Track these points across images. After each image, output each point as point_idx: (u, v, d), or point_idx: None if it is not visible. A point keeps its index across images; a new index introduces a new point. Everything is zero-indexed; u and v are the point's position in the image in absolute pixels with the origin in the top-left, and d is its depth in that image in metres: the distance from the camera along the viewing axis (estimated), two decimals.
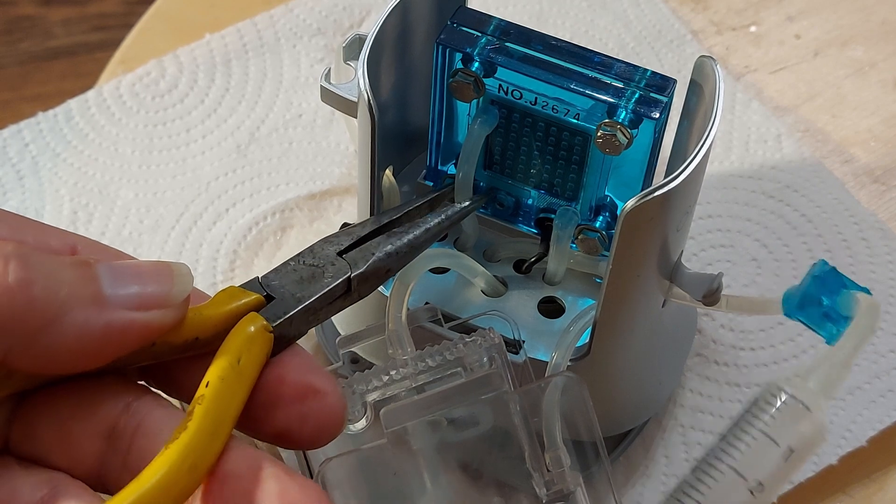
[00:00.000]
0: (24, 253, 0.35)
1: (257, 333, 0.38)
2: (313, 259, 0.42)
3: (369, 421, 0.46)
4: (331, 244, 0.43)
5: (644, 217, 0.44)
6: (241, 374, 0.37)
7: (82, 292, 0.35)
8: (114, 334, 0.36)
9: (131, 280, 0.36)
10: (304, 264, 0.42)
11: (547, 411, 0.47)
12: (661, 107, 0.47)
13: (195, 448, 0.36)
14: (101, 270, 0.36)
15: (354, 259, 0.43)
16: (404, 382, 0.46)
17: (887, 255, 0.64)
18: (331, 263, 0.42)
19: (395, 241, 0.44)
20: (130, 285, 0.36)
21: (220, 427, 0.36)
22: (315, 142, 0.68)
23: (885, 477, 0.57)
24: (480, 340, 0.46)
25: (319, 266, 0.42)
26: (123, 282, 0.36)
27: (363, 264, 0.42)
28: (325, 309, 0.41)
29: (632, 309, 0.49)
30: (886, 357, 0.60)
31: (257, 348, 0.38)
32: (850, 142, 0.69)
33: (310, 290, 0.41)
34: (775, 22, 0.74)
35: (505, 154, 0.53)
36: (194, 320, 0.38)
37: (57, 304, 0.34)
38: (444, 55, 0.50)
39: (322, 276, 0.42)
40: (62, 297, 0.35)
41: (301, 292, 0.41)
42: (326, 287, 0.41)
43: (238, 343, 0.38)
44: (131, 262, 0.37)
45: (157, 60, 0.71)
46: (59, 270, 0.35)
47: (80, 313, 0.35)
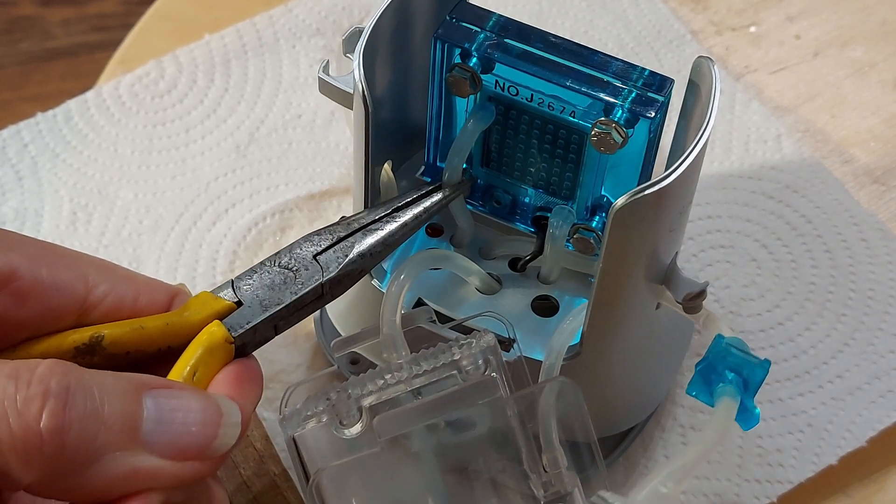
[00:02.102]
0: (65, 390, 0.33)
1: (217, 345, 0.38)
2: (289, 260, 0.42)
3: (365, 426, 0.46)
4: (310, 244, 0.43)
5: (636, 215, 0.44)
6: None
7: (118, 438, 0.34)
8: (138, 481, 0.34)
9: (175, 424, 0.35)
10: (278, 266, 0.42)
11: (543, 415, 0.47)
12: (658, 106, 0.47)
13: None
14: (146, 408, 0.35)
15: (327, 262, 0.42)
16: (399, 386, 0.46)
17: (887, 256, 0.63)
18: (304, 267, 0.42)
19: (369, 239, 0.44)
20: (172, 432, 0.35)
21: None
22: (314, 142, 0.68)
23: (884, 477, 0.57)
24: (475, 343, 0.46)
25: (293, 269, 0.42)
26: (166, 425, 0.35)
27: (335, 268, 0.42)
28: (296, 314, 0.42)
29: (623, 309, 0.49)
30: (886, 357, 0.60)
31: (215, 360, 0.38)
32: (850, 142, 0.69)
33: (279, 296, 0.41)
34: (775, 22, 0.74)
35: (502, 151, 0.52)
36: (167, 330, 0.39)
37: (92, 451, 0.33)
38: (442, 50, 0.50)
39: (294, 280, 0.42)
40: (99, 443, 0.33)
41: (270, 299, 0.41)
42: (296, 295, 0.41)
43: (197, 355, 0.38)
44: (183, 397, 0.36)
45: (157, 61, 0.71)
46: (101, 409, 0.34)
47: (109, 460, 0.34)
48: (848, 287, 0.62)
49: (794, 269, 0.63)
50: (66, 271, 0.39)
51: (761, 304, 0.62)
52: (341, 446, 0.46)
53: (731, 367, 0.47)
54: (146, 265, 0.63)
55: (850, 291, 0.62)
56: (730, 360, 0.48)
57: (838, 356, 0.60)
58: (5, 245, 0.38)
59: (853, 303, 0.62)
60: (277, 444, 0.56)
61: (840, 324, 0.61)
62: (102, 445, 0.34)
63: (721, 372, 0.47)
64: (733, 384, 0.47)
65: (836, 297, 0.62)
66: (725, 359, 0.48)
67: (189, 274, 0.62)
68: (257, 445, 0.56)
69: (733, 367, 0.47)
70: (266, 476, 0.55)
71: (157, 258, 0.63)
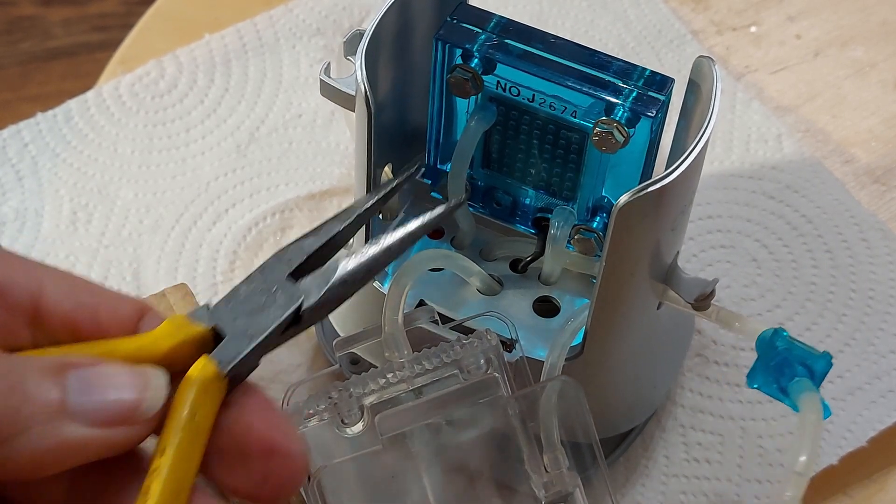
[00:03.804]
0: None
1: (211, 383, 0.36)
2: (264, 282, 0.39)
3: (366, 424, 0.46)
4: (281, 262, 0.40)
5: (638, 213, 0.44)
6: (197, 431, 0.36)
7: (45, 408, 0.34)
8: (70, 451, 0.34)
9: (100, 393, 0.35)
10: (254, 290, 0.39)
11: (544, 414, 0.47)
12: (659, 105, 0.47)
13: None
14: (70, 382, 0.34)
15: (308, 287, 0.39)
16: (401, 385, 0.46)
17: (887, 256, 0.63)
18: (280, 289, 0.39)
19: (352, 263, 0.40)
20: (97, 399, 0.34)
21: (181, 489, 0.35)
22: (315, 142, 0.68)
23: (885, 477, 0.57)
24: (477, 342, 0.46)
25: (270, 291, 0.39)
26: (91, 395, 0.34)
27: (316, 294, 0.39)
28: (277, 339, 0.39)
29: (625, 309, 0.49)
30: (887, 357, 0.60)
31: (211, 399, 0.36)
32: (851, 142, 0.69)
33: (260, 323, 0.38)
34: (776, 22, 0.74)
35: (503, 152, 0.52)
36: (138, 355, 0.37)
37: (16, 423, 0.33)
38: (443, 51, 0.50)
39: (273, 304, 0.39)
40: (23, 416, 0.33)
41: (252, 327, 0.38)
42: (277, 320, 0.38)
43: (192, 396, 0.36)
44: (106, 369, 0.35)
45: (157, 61, 0.71)
46: (25, 382, 0.34)
47: (35, 432, 0.33)
48: (849, 287, 0.62)
49: (795, 270, 0.63)
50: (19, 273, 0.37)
51: (762, 304, 0.62)
52: (342, 445, 0.46)
53: (798, 360, 0.47)
54: (146, 265, 0.63)
55: (851, 291, 0.62)
56: (796, 353, 0.48)
57: (839, 356, 0.60)
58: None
59: (854, 303, 0.62)
60: None
61: (841, 324, 0.61)
62: (27, 417, 0.33)
63: (792, 364, 0.47)
64: (806, 377, 0.47)
65: (836, 298, 0.62)
66: (792, 352, 0.47)
67: (189, 274, 0.62)
68: None
69: (800, 360, 0.47)
70: None
71: (158, 258, 0.63)
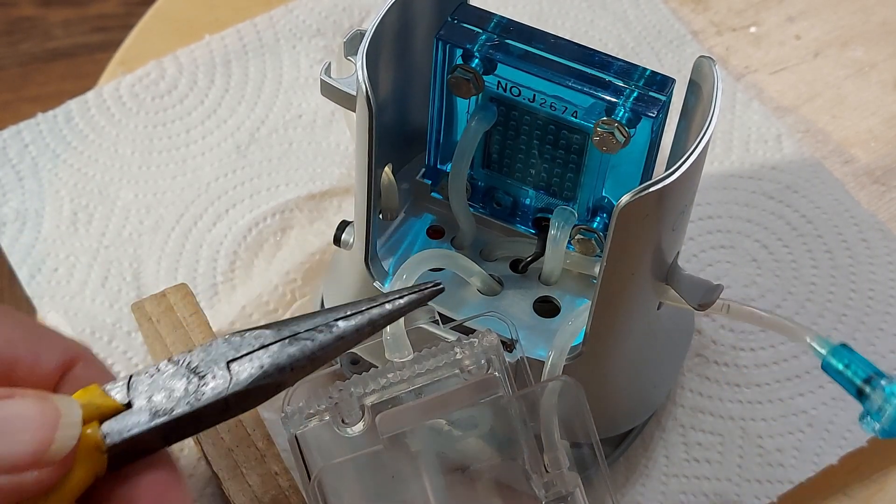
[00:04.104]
0: None
1: (87, 451, 0.34)
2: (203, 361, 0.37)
3: (367, 424, 0.46)
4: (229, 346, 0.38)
5: (639, 213, 0.44)
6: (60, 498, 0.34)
7: None
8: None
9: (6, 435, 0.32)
10: (186, 367, 0.37)
11: (544, 414, 0.47)
12: (660, 106, 0.47)
13: None
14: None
15: (239, 371, 0.37)
16: (402, 385, 0.46)
17: (887, 256, 0.63)
18: (213, 374, 0.37)
19: (295, 350, 0.38)
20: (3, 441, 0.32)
21: None
22: (315, 142, 0.68)
23: (885, 478, 0.57)
24: (477, 343, 0.46)
25: (200, 374, 0.37)
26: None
27: (245, 380, 0.37)
28: (193, 426, 0.37)
29: (626, 309, 0.49)
30: (887, 358, 0.60)
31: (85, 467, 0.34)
32: (851, 142, 0.69)
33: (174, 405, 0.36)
34: (775, 22, 0.74)
35: (503, 153, 0.52)
36: None
37: None
38: (444, 51, 0.50)
39: (198, 387, 0.37)
40: None
41: (163, 407, 0.36)
42: (192, 407, 0.36)
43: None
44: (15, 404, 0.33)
45: (157, 61, 0.71)
46: None
47: None
48: (848, 287, 0.62)
49: (795, 270, 0.63)
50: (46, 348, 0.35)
51: (762, 304, 0.62)
52: (343, 444, 0.46)
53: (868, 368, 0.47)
54: (147, 265, 0.63)
55: (851, 292, 0.62)
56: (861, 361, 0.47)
57: None
58: None
59: (854, 303, 0.62)
60: (279, 443, 0.56)
61: (841, 324, 0.61)
62: None
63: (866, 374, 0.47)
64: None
65: (836, 298, 0.62)
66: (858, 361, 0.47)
67: (190, 274, 0.62)
68: (259, 445, 0.56)
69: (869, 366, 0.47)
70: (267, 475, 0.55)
71: (158, 258, 0.63)
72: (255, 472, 0.55)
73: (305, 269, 0.62)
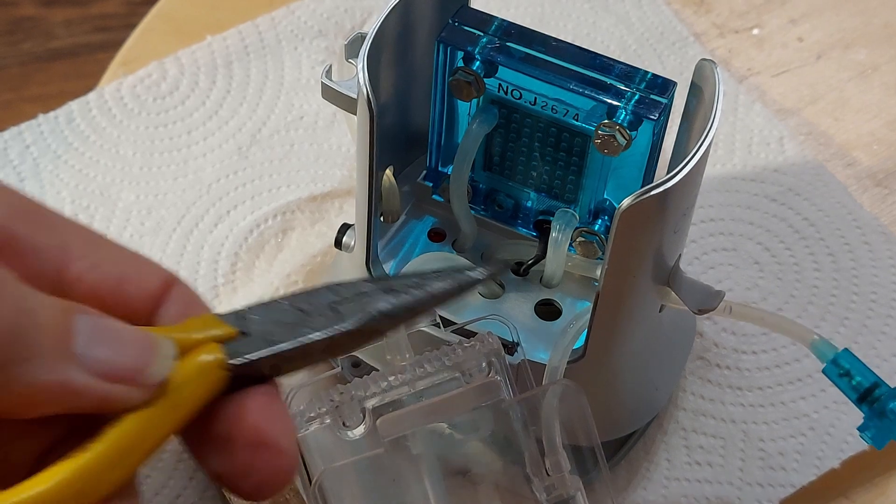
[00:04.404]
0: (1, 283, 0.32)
1: (209, 368, 0.35)
2: (307, 303, 0.39)
3: (368, 427, 0.46)
4: (331, 292, 0.39)
5: (641, 216, 0.44)
6: (174, 406, 0.35)
7: (50, 341, 0.32)
8: (67, 395, 0.33)
9: (108, 346, 0.33)
10: (294, 307, 0.38)
11: (546, 418, 0.47)
12: (661, 108, 0.47)
13: (87, 474, 0.33)
14: (79, 325, 0.33)
15: (346, 313, 0.38)
16: (403, 388, 0.46)
17: (889, 259, 0.63)
18: (320, 314, 0.38)
19: (394, 300, 0.39)
20: (106, 351, 0.33)
21: (125, 458, 0.34)
22: (316, 144, 0.68)
23: (886, 481, 0.57)
24: (479, 346, 0.46)
25: (309, 313, 0.38)
26: (99, 345, 0.33)
27: (353, 321, 0.38)
28: (301, 360, 0.38)
29: (627, 311, 0.49)
30: (889, 361, 0.60)
31: (203, 383, 0.35)
32: (853, 145, 0.69)
33: (287, 335, 0.37)
34: (778, 25, 0.74)
35: (504, 155, 0.52)
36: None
37: (18, 347, 0.31)
38: (445, 53, 0.50)
39: (306, 323, 0.38)
40: (27, 341, 0.32)
41: (277, 336, 0.37)
42: (304, 338, 0.37)
43: (184, 372, 0.35)
44: (117, 325, 0.34)
45: (159, 62, 0.71)
46: (35, 311, 0.32)
47: (39, 363, 0.32)
48: (851, 290, 0.62)
49: (797, 273, 0.63)
50: (45, 234, 0.36)
51: (764, 307, 0.61)
52: (344, 448, 0.46)
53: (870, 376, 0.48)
54: None
55: (853, 295, 0.62)
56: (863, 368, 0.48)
57: None
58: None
59: (856, 306, 0.62)
60: None
61: (843, 327, 0.61)
62: (34, 345, 0.32)
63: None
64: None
65: (838, 301, 0.62)
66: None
67: (191, 276, 0.62)
68: None
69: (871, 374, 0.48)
70: None
71: (159, 260, 0.63)
72: None
73: (307, 271, 0.62)
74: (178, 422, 0.35)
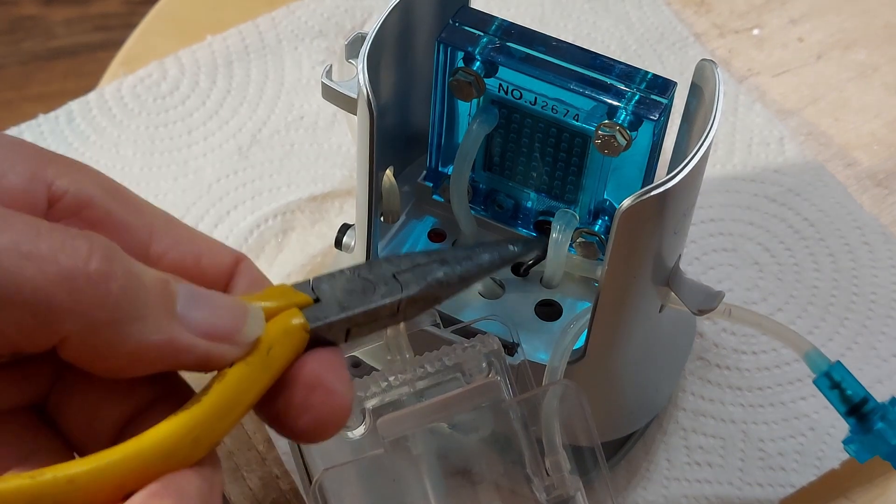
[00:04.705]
0: (112, 248, 0.34)
1: (294, 329, 0.38)
2: (370, 273, 0.42)
3: (368, 427, 0.46)
4: (390, 263, 0.43)
5: (641, 217, 0.44)
6: (267, 364, 0.38)
7: (157, 303, 0.35)
8: (173, 352, 0.35)
9: (207, 308, 0.36)
10: (358, 276, 0.42)
11: (546, 418, 0.47)
12: (661, 109, 0.47)
13: (202, 422, 0.35)
14: (180, 290, 0.36)
15: (407, 282, 0.42)
16: (403, 388, 0.46)
17: (889, 260, 0.63)
18: (384, 283, 0.42)
19: (448, 270, 0.43)
20: (204, 312, 0.36)
21: (233, 408, 0.36)
22: (317, 144, 0.68)
23: (886, 482, 0.57)
24: (479, 346, 0.46)
25: (373, 282, 0.42)
26: (198, 307, 0.36)
27: (415, 288, 0.42)
28: (369, 325, 0.41)
29: (627, 312, 0.49)
30: (889, 361, 0.60)
31: (290, 343, 0.38)
32: (853, 145, 0.69)
33: (357, 302, 0.41)
34: (778, 25, 0.74)
35: (504, 156, 0.52)
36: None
37: (130, 306, 0.34)
38: (445, 54, 0.50)
39: (373, 291, 0.41)
40: (137, 301, 0.34)
41: (348, 302, 0.40)
42: (374, 304, 0.41)
43: (273, 333, 0.38)
44: (211, 292, 0.37)
45: (159, 62, 0.71)
46: (142, 275, 0.35)
47: (148, 322, 0.35)
48: (851, 291, 0.62)
49: (797, 273, 0.63)
50: (134, 214, 0.39)
51: (764, 307, 0.62)
52: (344, 448, 0.46)
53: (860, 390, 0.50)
54: None
55: (853, 295, 0.62)
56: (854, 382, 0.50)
57: (841, 360, 0.60)
58: (82, 174, 0.39)
59: (856, 306, 0.62)
60: (279, 446, 0.56)
61: (843, 327, 0.61)
62: (143, 306, 0.35)
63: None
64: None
65: (838, 301, 0.62)
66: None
67: None
68: (260, 448, 0.56)
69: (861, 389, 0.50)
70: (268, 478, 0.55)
71: None
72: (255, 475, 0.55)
73: (307, 272, 0.62)
74: (271, 379, 0.38)
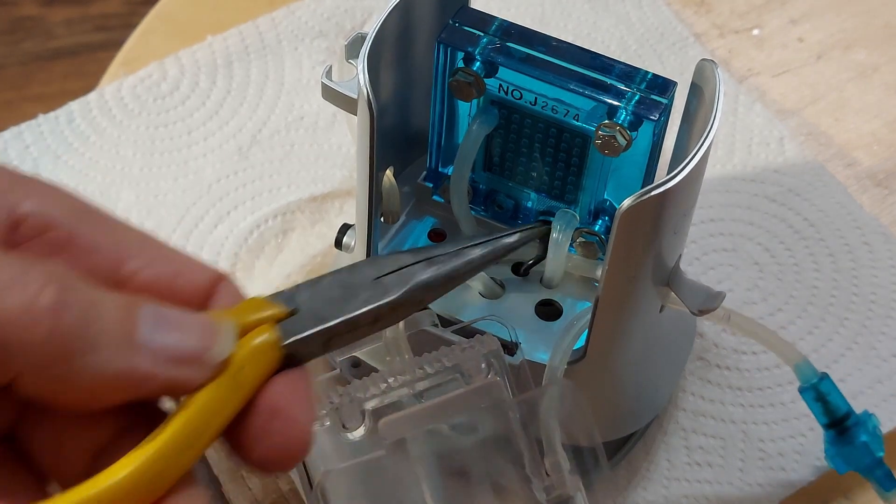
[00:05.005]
0: (67, 277, 0.33)
1: (267, 346, 0.37)
2: (351, 278, 0.40)
3: (368, 429, 0.46)
4: (373, 266, 0.41)
5: (641, 217, 0.44)
6: (238, 384, 0.36)
7: (115, 331, 0.34)
8: (134, 381, 0.34)
9: (173, 330, 0.35)
10: (339, 282, 0.40)
11: (545, 418, 0.47)
12: (661, 109, 0.47)
13: (165, 455, 0.34)
14: (143, 314, 0.35)
15: (389, 286, 0.40)
16: (403, 390, 0.46)
17: (889, 260, 0.63)
18: (365, 288, 0.40)
19: (434, 271, 0.41)
20: (170, 335, 0.35)
21: (200, 435, 0.35)
22: (317, 144, 0.68)
23: None
24: (478, 346, 0.46)
25: (354, 287, 0.40)
26: (164, 330, 0.35)
27: (395, 292, 0.40)
28: (349, 334, 0.39)
29: (628, 312, 0.49)
30: (888, 362, 0.60)
31: (263, 361, 0.37)
32: (853, 145, 0.69)
33: (336, 311, 0.39)
34: (778, 25, 0.74)
35: (504, 156, 0.52)
36: None
37: (84, 338, 0.33)
38: (445, 54, 0.50)
39: (353, 298, 0.40)
40: (92, 333, 0.33)
41: (326, 312, 0.39)
42: (352, 312, 0.39)
43: (244, 351, 0.36)
44: (180, 311, 0.36)
45: (159, 62, 0.71)
46: (99, 304, 0.34)
47: (104, 352, 0.33)
48: (850, 291, 0.62)
49: (797, 273, 0.63)
50: (103, 234, 0.37)
51: (764, 307, 0.62)
52: (344, 450, 0.46)
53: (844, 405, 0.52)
54: None
55: (853, 295, 0.62)
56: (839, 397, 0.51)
57: (841, 360, 0.60)
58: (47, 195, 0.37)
59: (856, 307, 0.62)
60: None
61: (843, 328, 0.61)
62: (100, 334, 0.33)
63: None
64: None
65: (838, 301, 0.62)
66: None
67: None
68: None
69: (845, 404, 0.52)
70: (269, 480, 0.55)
71: None
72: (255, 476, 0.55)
73: (307, 272, 0.62)
74: (241, 400, 0.36)
